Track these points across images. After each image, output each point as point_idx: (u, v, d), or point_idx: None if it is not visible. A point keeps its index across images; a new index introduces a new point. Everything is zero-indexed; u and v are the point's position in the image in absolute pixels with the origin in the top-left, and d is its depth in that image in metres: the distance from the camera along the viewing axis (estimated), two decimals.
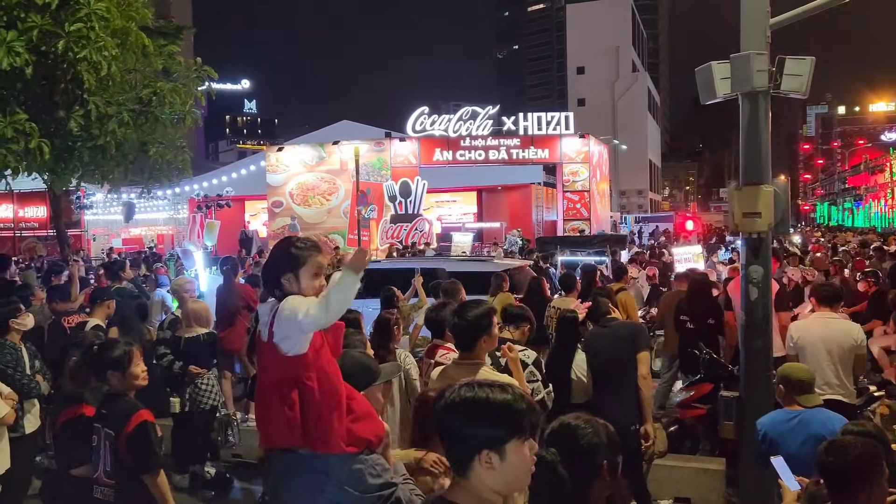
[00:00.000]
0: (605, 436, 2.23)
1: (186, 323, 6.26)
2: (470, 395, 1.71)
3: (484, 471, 1.68)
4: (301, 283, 2.74)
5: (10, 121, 5.45)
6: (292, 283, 2.75)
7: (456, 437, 1.71)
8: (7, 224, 26.74)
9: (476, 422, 1.69)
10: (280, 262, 2.79)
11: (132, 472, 3.41)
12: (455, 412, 1.70)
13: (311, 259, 2.77)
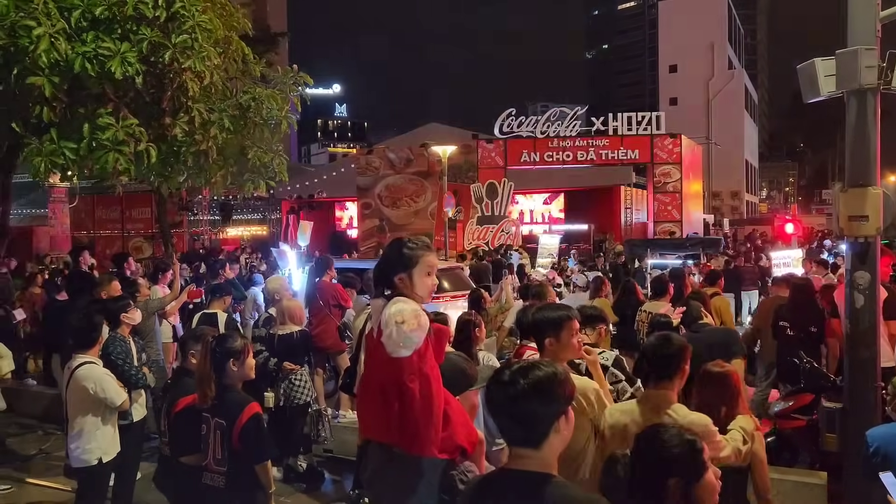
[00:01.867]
0: (687, 456, 2.11)
1: (280, 320, 6.48)
2: (538, 375, 1.96)
3: (556, 437, 1.95)
4: (414, 283, 2.81)
5: (122, 125, 5.80)
6: (405, 283, 2.82)
7: (534, 416, 1.94)
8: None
9: (551, 396, 1.95)
10: (393, 262, 2.86)
11: (244, 461, 3.56)
12: (532, 394, 1.93)
13: (423, 258, 2.84)
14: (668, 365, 3.15)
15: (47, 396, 8.74)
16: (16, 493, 6.42)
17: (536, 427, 1.94)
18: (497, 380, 2.00)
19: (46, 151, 5.54)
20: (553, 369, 1.99)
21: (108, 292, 6.51)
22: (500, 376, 2.00)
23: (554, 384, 1.95)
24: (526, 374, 1.96)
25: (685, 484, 2.07)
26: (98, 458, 4.81)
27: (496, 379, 2.01)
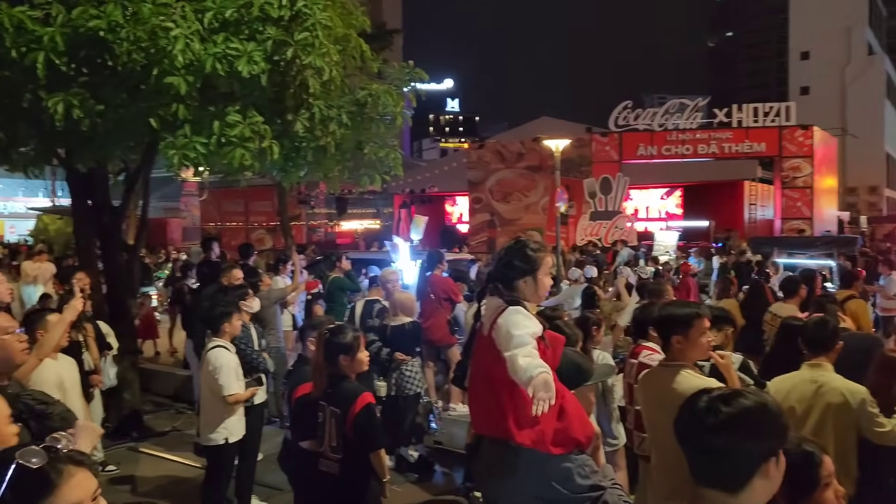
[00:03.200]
0: (800, 466, 1.94)
1: (393, 312, 6.59)
2: (744, 404, 1.63)
3: (762, 483, 1.61)
4: (538, 285, 2.82)
5: (248, 122, 6.06)
6: (529, 286, 2.82)
7: (736, 454, 1.60)
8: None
9: (761, 432, 1.61)
10: (518, 265, 2.86)
11: (358, 449, 3.65)
12: (736, 427, 1.60)
13: (545, 261, 2.84)
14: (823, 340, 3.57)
15: (179, 377, 9.32)
16: (152, 465, 6.88)
17: (737, 468, 1.59)
18: (691, 407, 1.67)
19: (180, 145, 5.87)
20: (762, 399, 1.66)
21: (229, 280, 6.84)
22: (695, 402, 1.67)
23: (765, 417, 1.62)
24: (729, 402, 1.63)
25: (792, 493, 1.86)
26: (225, 438, 5.07)
27: (690, 405, 1.68)
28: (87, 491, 1.47)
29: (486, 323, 2.87)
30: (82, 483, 1.46)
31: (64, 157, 7.25)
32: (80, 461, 1.49)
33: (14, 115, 6.01)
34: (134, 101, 5.95)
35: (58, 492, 1.41)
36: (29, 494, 1.39)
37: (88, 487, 1.48)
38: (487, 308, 2.94)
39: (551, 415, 2.69)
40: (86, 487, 1.47)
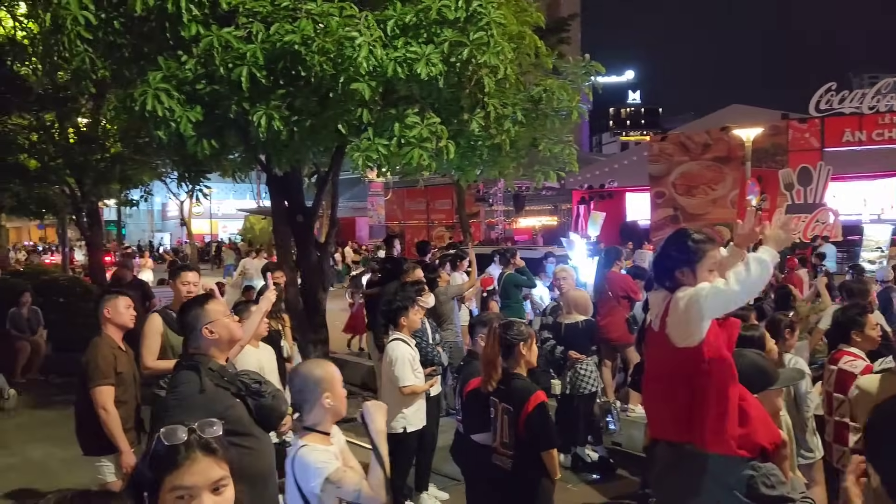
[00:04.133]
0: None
1: (566, 310, 6.52)
2: None
3: None
4: (696, 278, 2.67)
5: (426, 124, 6.27)
6: (687, 277, 2.69)
7: None
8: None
9: None
10: (676, 255, 2.74)
11: (530, 447, 3.66)
12: None
13: (708, 253, 2.69)
14: None
15: (365, 367, 9.87)
16: None
17: None
18: None
19: (363, 148, 6.22)
20: None
21: (413, 278, 7.12)
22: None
23: None
24: None
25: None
26: (403, 427, 5.29)
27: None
28: (207, 478, 1.58)
29: (654, 318, 2.75)
30: (204, 470, 1.58)
31: (264, 163, 7.94)
32: (212, 450, 1.61)
33: (223, 126, 6.67)
34: (324, 109, 6.37)
35: (178, 471, 1.55)
36: (158, 465, 1.56)
37: (210, 476, 1.58)
38: (653, 302, 2.83)
39: (733, 417, 2.54)
40: (206, 475, 1.58)
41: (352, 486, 2.59)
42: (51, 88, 11.30)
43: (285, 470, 2.77)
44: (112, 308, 4.49)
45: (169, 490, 1.55)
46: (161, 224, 49.78)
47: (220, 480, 1.60)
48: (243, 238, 38.55)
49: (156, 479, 1.56)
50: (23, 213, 16.32)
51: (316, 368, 2.90)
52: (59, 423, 4.63)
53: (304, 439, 2.78)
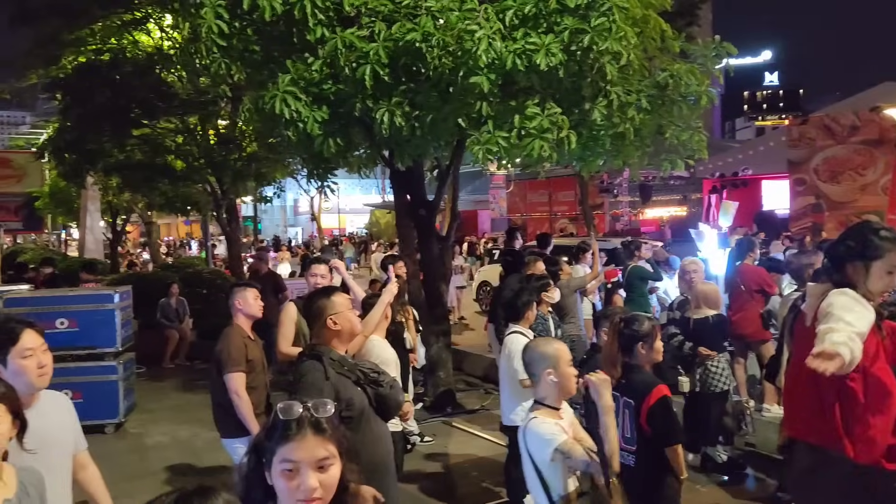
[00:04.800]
0: None
1: (695, 304, 6.24)
2: None
3: None
4: (870, 277, 2.45)
5: (546, 114, 6.19)
6: (858, 273, 2.48)
7: None
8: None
9: None
10: (853, 246, 2.53)
11: (653, 443, 3.55)
12: None
13: (890, 254, 2.46)
14: None
15: (487, 359, 9.92)
16: (463, 440, 7.43)
17: None
18: None
19: (483, 141, 6.23)
20: None
21: (533, 271, 7.06)
22: None
23: None
24: None
25: None
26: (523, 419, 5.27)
27: None
28: (313, 456, 1.68)
29: (808, 311, 2.57)
30: (312, 447, 1.68)
31: (388, 158, 8.13)
32: (322, 429, 1.71)
33: (348, 124, 6.89)
34: (444, 104, 6.43)
35: (288, 444, 1.67)
36: (273, 436, 1.70)
37: (316, 454, 1.68)
38: (811, 294, 2.63)
39: (885, 426, 2.33)
40: (312, 452, 1.68)
41: (580, 456, 2.80)
42: (193, 93, 12.11)
43: (518, 441, 3.07)
44: (242, 299, 4.76)
45: (279, 461, 1.68)
46: (293, 219, 52.26)
47: (326, 459, 1.70)
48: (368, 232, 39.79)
49: (271, 449, 1.69)
50: (171, 210, 17.65)
51: (546, 346, 3.18)
52: (204, 406, 4.98)
53: (534, 412, 3.06)
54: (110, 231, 24.81)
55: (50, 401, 2.85)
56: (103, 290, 9.00)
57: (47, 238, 42.76)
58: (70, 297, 8.39)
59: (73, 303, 8.10)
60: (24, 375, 2.64)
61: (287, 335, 4.88)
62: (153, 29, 13.02)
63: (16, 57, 14.65)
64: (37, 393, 2.76)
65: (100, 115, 12.10)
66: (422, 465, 6.59)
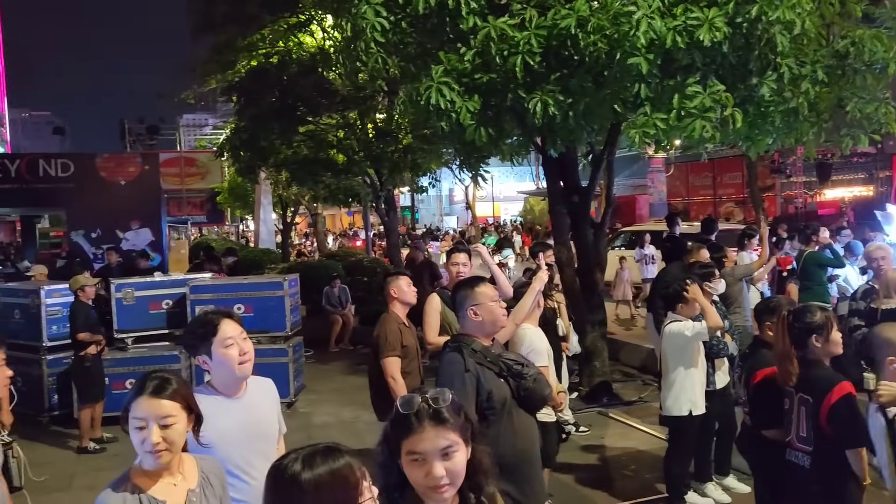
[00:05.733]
0: None
1: (884, 293, 5.65)
2: None
3: None
4: None
5: (708, 92, 5.85)
6: None
7: None
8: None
9: None
10: None
11: (833, 443, 3.26)
12: None
13: None
14: None
15: (645, 349, 9.60)
16: (620, 432, 7.24)
17: None
18: None
19: (640, 124, 5.99)
20: None
21: (696, 259, 6.71)
22: None
23: None
24: None
25: None
26: (688, 409, 5.05)
27: None
28: (436, 446, 1.69)
29: None
30: (433, 438, 1.69)
31: (540, 145, 8.05)
32: (442, 419, 1.71)
33: (500, 113, 6.88)
34: (598, 88, 6.25)
35: (411, 437, 1.70)
36: (397, 429, 1.73)
37: (438, 444, 1.69)
38: None
39: None
40: (435, 443, 1.69)
41: None
42: (352, 89, 12.64)
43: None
44: (396, 287, 4.91)
45: (406, 452, 1.71)
46: (449, 208, 53.30)
47: (450, 447, 1.71)
48: (523, 220, 39.76)
49: (396, 441, 1.73)
50: (334, 201, 18.61)
51: (889, 331, 3.19)
52: (365, 389, 5.19)
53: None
54: (281, 222, 26.60)
55: (258, 389, 2.91)
56: (274, 278, 9.65)
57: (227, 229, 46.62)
58: (245, 284, 9.07)
59: (248, 290, 8.76)
60: (227, 364, 2.72)
61: (433, 325, 4.97)
62: (316, 30, 13.72)
63: (197, 65, 16.03)
64: (244, 382, 2.83)
65: (269, 115, 12.97)
66: (577, 455, 6.50)
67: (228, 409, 2.73)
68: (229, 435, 2.66)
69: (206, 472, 2.37)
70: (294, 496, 1.50)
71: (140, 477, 2.20)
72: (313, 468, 1.51)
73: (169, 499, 2.21)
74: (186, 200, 28.80)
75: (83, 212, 15.38)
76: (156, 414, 2.15)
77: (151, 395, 2.18)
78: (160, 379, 2.23)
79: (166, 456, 2.17)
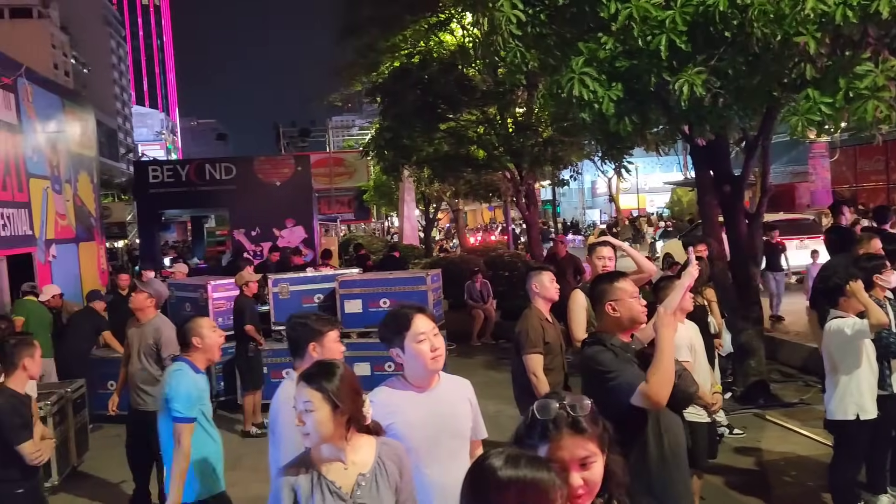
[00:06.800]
0: None
1: None
2: None
3: None
4: None
5: (881, 69, 5.34)
6: None
7: None
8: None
9: None
10: None
11: None
12: None
13: None
14: None
15: (807, 349, 8.93)
16: (778, 435, 6.79)
17: None
18: None
19: (803, 110, 5.57)
20: None
21: (867, 250, 6.14)
22: None
23: None
24: None
25: None
26: (855, 414, 4.64)
27: None
28: (573, 455, 1.64)
29: None
30: (570, 447, 1.64)
31: (687, 133, 7.68)
32: (580, 429, 1.65)
33: (643, 101, 6.63)
34: (753, 69, 5.88)
35: (549, 445, 1.64)
36: (533, 435, 1.67)
37: (576, 454, 1.64)
38: None
39: None
40: (572, 452, 1.64)
41: None
42: (492, 85, 12.69)
43: None
44: (538, 283, 4.86)
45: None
46: (591, 201, 52.31)
47: (587, 458, 1.65)
48: (671, 212, 38.27)
49: (532, 446, 1.67)
50: (475, 197, 18.80)
51: None
52: (508, 384, 5.20)
53: None
54: (424, 218, 27.23)
55: (450, 386, 2.91)
56: (418, 273, 9.89)
57: (373, 226, 48.41)
58: (390, 279, 9.37)
59: (392, 285, 9.04)
60: (419, 359, 2.72)
61: (579, 321, 4.87)
62: (456, 28, 13.90)
63: (343, 68, 16.73)
64: (436, 377, 2.83)
65: (411, 113, 13.29)
66: (730, 458, 6.16)
67: (418, 402, 2.76)
68: (417, 429, 2.69)
69: (384, 457, 2.43)
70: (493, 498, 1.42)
71: (316, 458, 2.35)
72: (517, 469, 1.43)
73: (339, 480, 2.33)
74: (335, 199, 30.15)
75: (244, 211, 16.53)
76: (301, 399, 2.31)
77: (302, 382, 2.34)
78: (318, 368, 2.39)
79: (306, 439, 2.33)
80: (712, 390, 4.77)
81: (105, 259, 13.25)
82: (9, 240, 8.52)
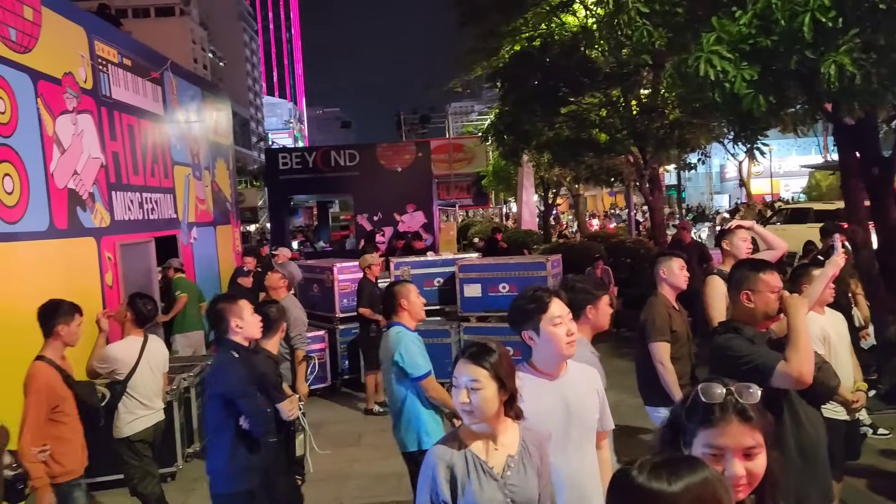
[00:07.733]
0: None
1: None
2: None
3: None
4: None
5: None
6: None
7: None
8: None
9: None
10: None
11: None
12: None
13: None
14: None
15: None
16: None
17: None
18: None
19: None
20: None
21: None
22: None
23: None
24: None
25: None
26: None
27: None
28: (739, 444, 1.56)
29: None
30: (737, 435, 1.56)
31: (830, 112, 7.17)
32: (748, 417, 1.58)
33: (781, 78, 6.24)
34: None
35: (711, 429, 1.57)
36: (694, 417, 1.60)
37: (742, 442, 1.56)
38: None
39: None
40: (738, 440, 1.56)
41: None
42: (615, 66, 12.33)
43: None
44: (667, 269, 4.69)
45: (702, 444, 1.59)
46: (719, 186, 49.93)
47: (753, 448, 1.58)
48: (807, 197, 35.91)
49: (692, 430, 1.61)
50: (596, 182, 18.40)
51: None
52: (629, 373, 5.09)
53: None
54: (542, 204, 26.98)
55: (578, 376, 2.82)
56: (538, 259, 9.82)
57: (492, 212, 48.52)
58: (510, 264, 9.36)
59: (512, 270, 9.02)
60: (554, 343, 2.66)
61: (719, 308, 4.64)
62: (578, 9, 13.60)
63: (463, 54, 16.78)
64: (565, 364, 2.77)
65: (532, 98, 13.14)
66: (874, 460, 5.76)
67: (545, 390, 2.70)
68: (543, 416, 2.62)
69: (528, 441, 2.45)
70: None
71: (467, 436, 2.39)
72: (677, 480, 1.26)
73: (490, 460, 2.36)
74: (454, 184, 30.44)
75: (366, 196, 17.01)
76: (466, 376, 2.32)
77: (467, 360, 2.36)
78: (479, 347, 2.40)
79: (469, 416, 2.33)
80: (855, 387, 4.45)
81: (239, 241, 14.03)
82: (157, 223, 9.19)
